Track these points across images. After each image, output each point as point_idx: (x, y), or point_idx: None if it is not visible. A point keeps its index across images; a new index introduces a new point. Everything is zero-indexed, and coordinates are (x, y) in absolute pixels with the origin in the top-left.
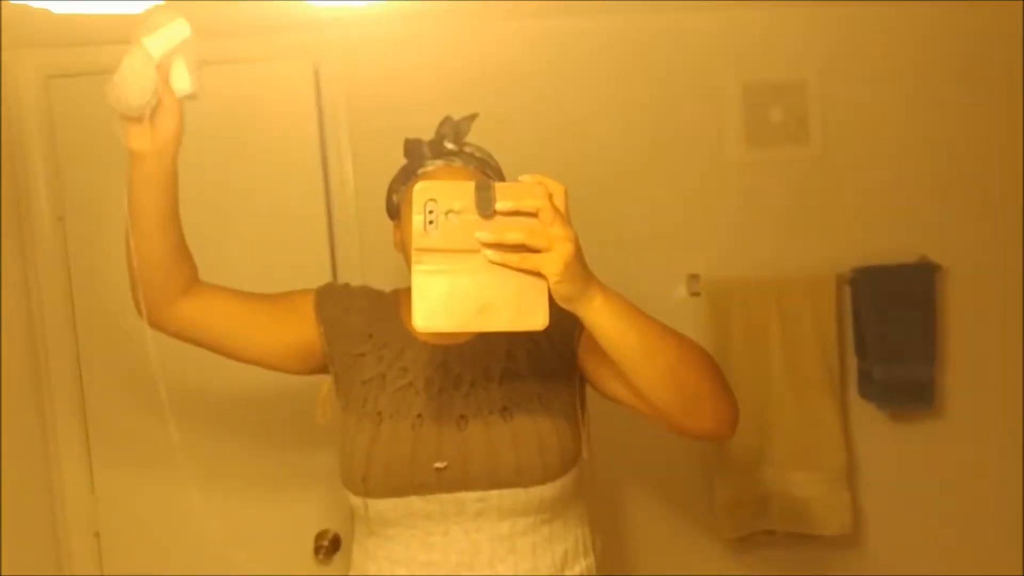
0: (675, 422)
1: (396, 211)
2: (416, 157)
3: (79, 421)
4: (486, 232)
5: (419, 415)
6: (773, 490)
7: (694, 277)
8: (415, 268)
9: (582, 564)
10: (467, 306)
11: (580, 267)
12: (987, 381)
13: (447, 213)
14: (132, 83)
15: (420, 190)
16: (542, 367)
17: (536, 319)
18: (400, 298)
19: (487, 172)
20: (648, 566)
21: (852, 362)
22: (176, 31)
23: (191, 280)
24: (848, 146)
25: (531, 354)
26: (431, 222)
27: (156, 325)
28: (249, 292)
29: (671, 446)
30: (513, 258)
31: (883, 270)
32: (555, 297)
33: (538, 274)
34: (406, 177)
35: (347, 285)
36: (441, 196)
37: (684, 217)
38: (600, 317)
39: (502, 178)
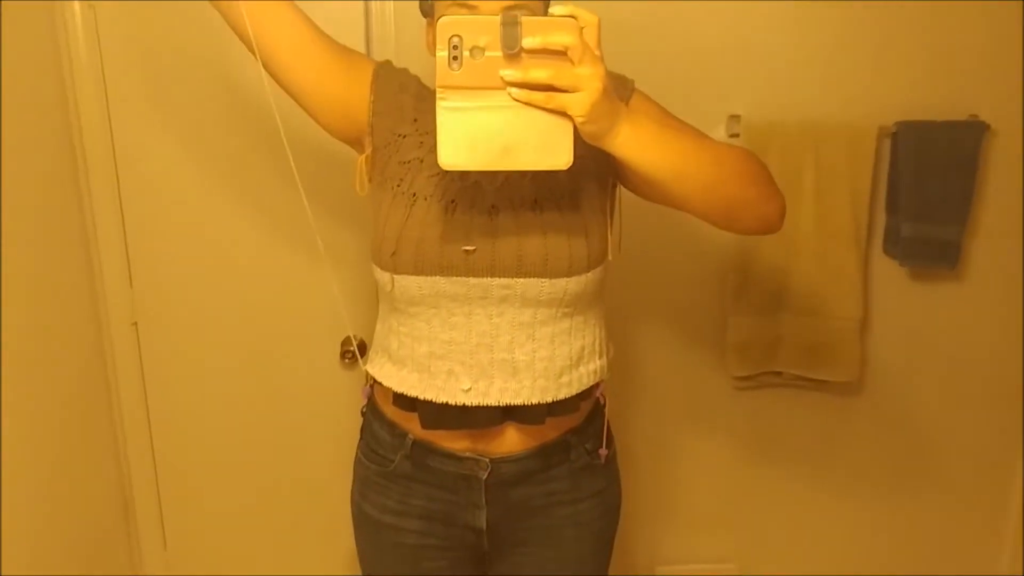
0: (718, 225)
1: (430, 10)
2: None
3: (117, 221)
4: (511, 70)
5: (453, 200)
6: (785, 333)
7: (734, 118)
8: (439, 104)
9: (596, 363)
10: (491, 145)
11: (608, 105)
12: (1015, 250)
13: (472, 49)
14: None
15: (444, 25)
16: (576, 165)
17: (560, 158)
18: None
19: None
20: (653, 390)
21: (881, 218)
22: None
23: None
24: None
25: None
26: (455, 58)
27: (222, 7)
28: (321, 30)
29: (690, 280)
30: (538, 97)
31: (929, 125)
32: (582, 134)
33: (564, 113)
34: None
35: (405, 70)
36: (466, 32)
37: (729, 56)
38: (628, 150)
39: None
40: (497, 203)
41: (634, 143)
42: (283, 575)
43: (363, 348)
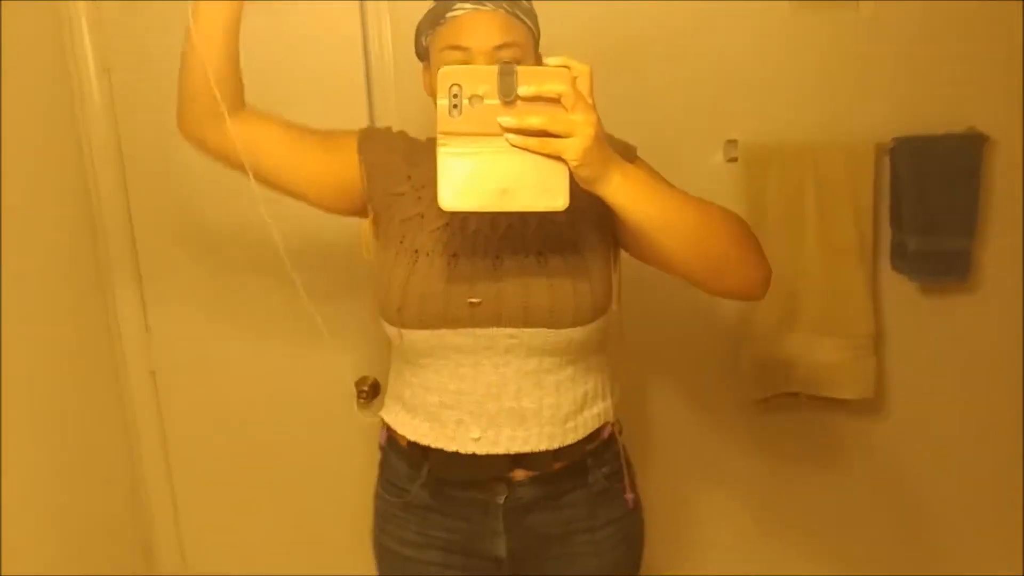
0: (702, 286)
1: (425, 53)
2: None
3: (132, 263)
4: (508, 117)
5: (455, 254)
6: (798, 354)
7: (732, 143)
8: (440, 150)
9: (600, 406)
10: (489, 187)
11: (600, 151)
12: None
13: (471, 98)
14: None
15: (444, 74)
16: (578, 217)
17: (557, 200)
18: (437, 135)
19: (518, 14)
20: (669, 422)
21: (886, 234)
22: None
23: (240, 99)
24: (899, 10)
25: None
26: (455, 106)
27: (199, 140)
28: (295, 122)
29: (699, 307)
30: (534, 142)
31: (927, 140)
32: (576, 179)
33: (559, 157)
34: (434, 20)
35: (388, 128)
36: (465, 81)
37: (724, 80)
38: (620, 197)
39: (535, 20)
40: (500, 253)
41: (626, 190)
42: None
43: (376, 388)
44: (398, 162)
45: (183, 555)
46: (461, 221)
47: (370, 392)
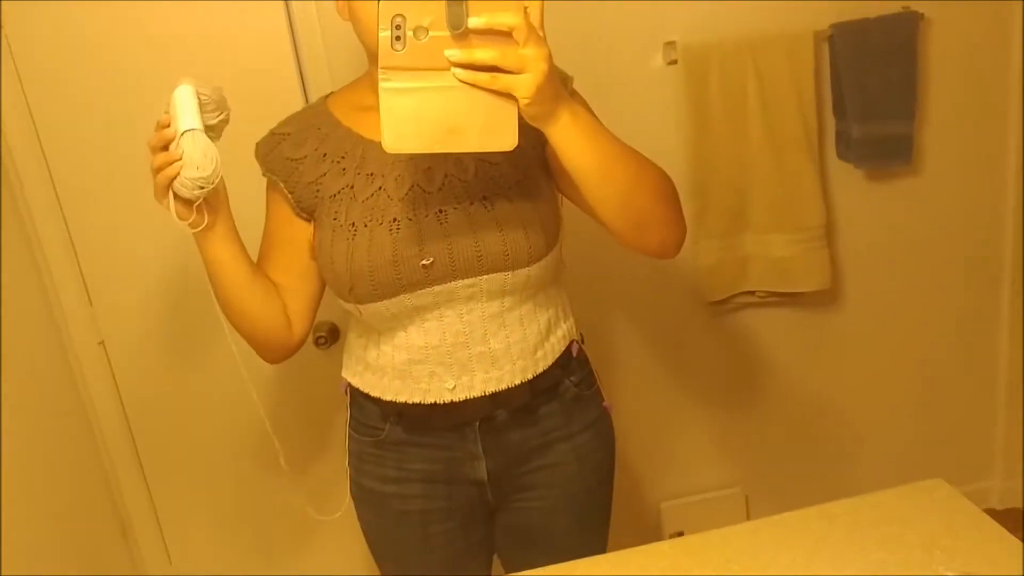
0: (621, 238)
1: None
2: None
3: (65, 239)
4: (456, 51)
5: (394, 219)
6: (753, 252)
7: (670, 44)
8: (382, 86)
9: (563, 328)
10: (436, 127)
11: (551, 88)
12: (965, 136)
13: (416, 29)
14: (200, 156)
15: (387, 4)
16: (517, 156)
17: (506, 140)
18: (330, 105)
19: None
20: (629, 330)
21: (830, 124)
22: (185, 97)
23: (282, 306)
24: None
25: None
26: (398, 38)
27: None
28: (271, 257)
29: None
30: (483, 78)
31: (863, 23)
32: (524, 116)
33: (509, 94)
34: None
35: (270, 132)
36: (410, 11)
37: None
38: (565, 136)
39: None
40: (443, 206)
41: (572, 130)
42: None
43: (335, 332)
44: (307, 150)
45: (161, 531)
46: (394, 183)
47: (329, 337)
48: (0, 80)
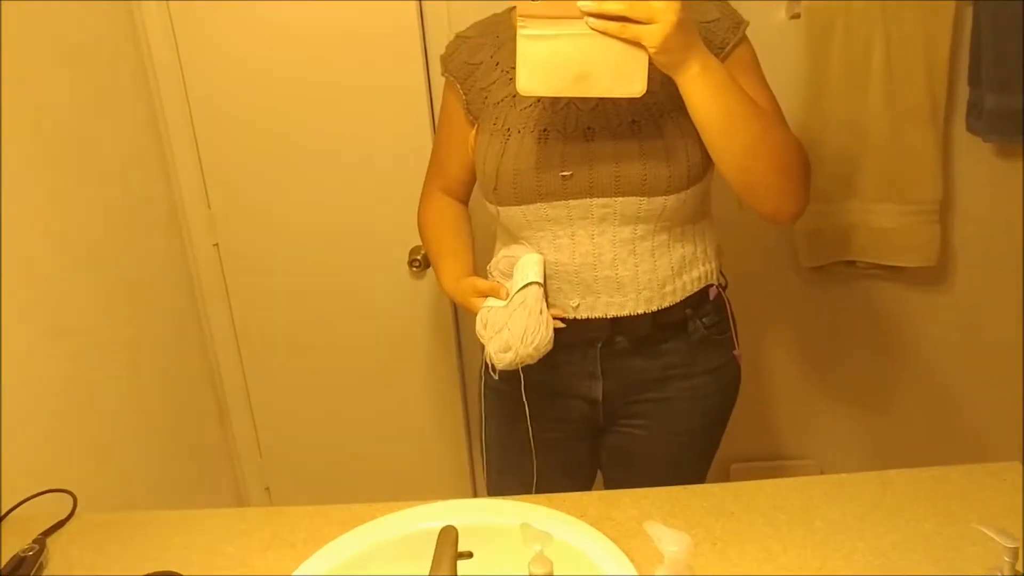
0: (734, 189)
1: None
2: None
3: (192, 146)
4: (588, 1)
5: (545, 129)
6: (857, 220)
7: None
8: (519, 32)
9: (700, 270)
10: (567, 71)
11: (681, 38)
12: None
13: None
14: (534, 326)
15: None
16: (673, 86)
17: (634, 86)
18: (514, 15)
19: None
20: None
21: (963, 93)
22: (535, 261)
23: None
24: None
25: (663, 74)
26: None
27: None
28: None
29: None
30: (613, 27)
31: None
32: (654, 63)
33: (638, 43)
34: None
35: (456, 35)
36: None
37: None
38: (692, 87)
39: None
40: (593, 125)
41: (699, 81)
42: (371, 475)
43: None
44: (482, 58)
45: (255, 426)
46: (553, 96)
47: (423, 261)
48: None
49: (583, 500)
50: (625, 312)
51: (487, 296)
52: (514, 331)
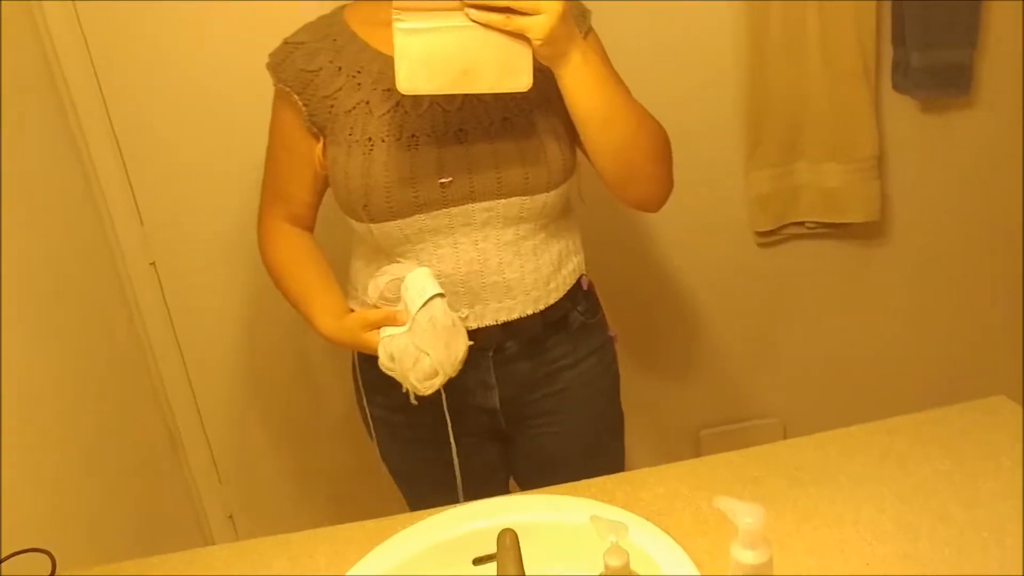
0: (609, 187)
1: None
2: None
3: (119, 163)
4: None
5: (413, 135)
6: (805, 181)
7: None
8: (395, 26)
9: (574, 261)
10: (450, 67)
11: (564, 29)
12: (1022, 68)
13: None
14: (451, 340)
15: None
16: (538, 79)
17: (520, 80)
18: (346, 16)
19: None
20: (676, 259)
21: (888, 53)
22: (423, 275)
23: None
24: None
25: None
26: None
27: None
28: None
29: (702, 141)
30: (497, 18)
31: None
32: (538, 55)
33: (522, 35)
34: None
35: (284, 42)
36: None
37: None
38: (574, 79)
39: None
40: (464, 126)
41: (581, 73)
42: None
43: None
44: (321, 62)
45: (211, 452)
46: (412, 99)
47: None
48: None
49: (608, 484)
50: (515, 315)
51: (381, 327)
52: (435, 353)
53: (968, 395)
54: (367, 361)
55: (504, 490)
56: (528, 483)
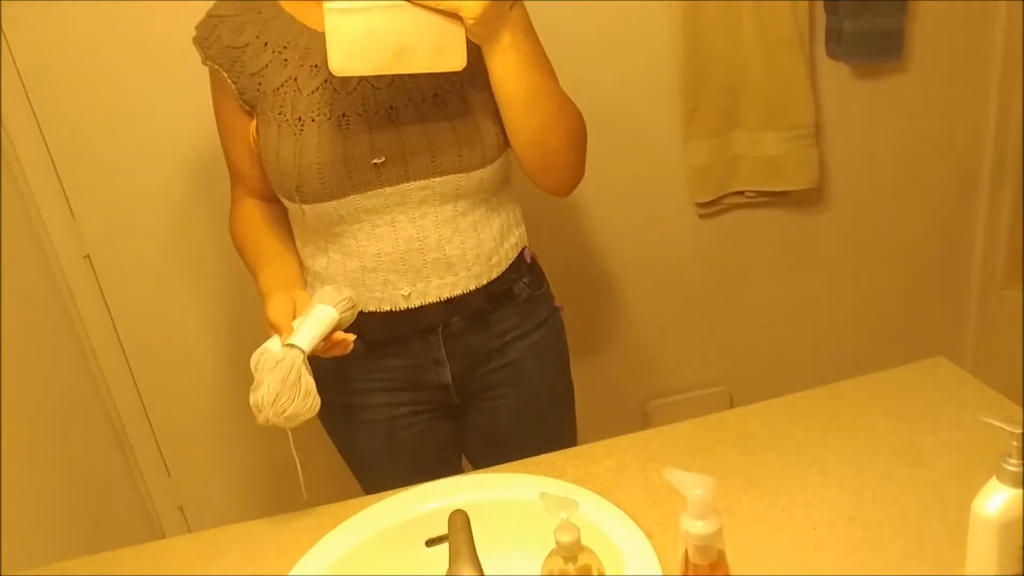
0: (524, 168)
1: None
2: None
3: (44, 155)
4: None
5: (343, 114)
6: (743, 151)
7: None
8: (327, 7)
9: (516, 234)
10: (384, 48)
11: (497, 8)
12: (953, 33)
13: None
14: (287, 393)
15: None
16: (468, 54)
17: (455, 59)
18: None
19: None
20: (620, 233)
21: (821, 21)
22: (322, 318)
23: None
24: None
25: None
26: None
27: None
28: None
29: (640, 114)
30: None
31: None
32: (469, 34)
33: (455, 14)
34: None
35: (207, 15)
36: None
37: None
38: (503, 60)
39: None
40: (395, 104)
41: (510, 55)
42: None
43: None
44: (248, 37)
45: (158, 446)
46: (341, 77)
47: None
48: None
49: (558, 460)
50: (458, 291)
51: (276, 330)
52: (266, 393)
53: (910, 357)
54: None
55: (457, 469)
56: (480, 459)
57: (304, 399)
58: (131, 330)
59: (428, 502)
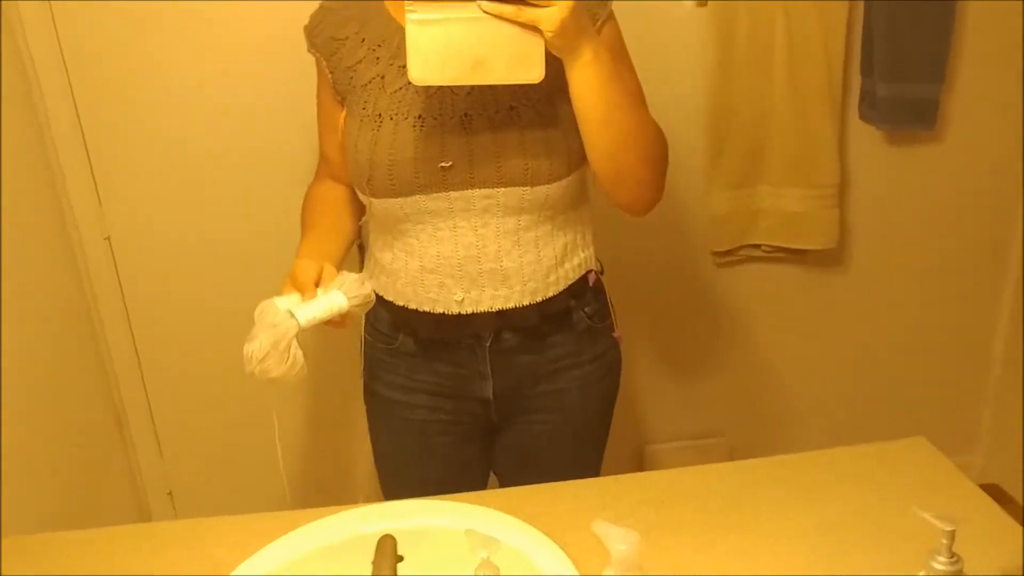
0: (599, 182)
1: None
2: None
3: (78, 136)
4: None
5: (420, 116)
6: (765, 205)
7: None
8: (408, 17)
9: (580, 256)
10: (462, 58)
11: (576, 21)
12: (991, 107)
13: None
14: (275, 357)
15: None
16: (551, 69)
17: (532, 72)
18: None
19: None
20: (633, 271)
21: (855, 83)
22: (333, 303)
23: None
24: None
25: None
26: None
27: None
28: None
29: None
30: (509, 10)
31: None
32: (549, 47)
33: (534, 27)
34: None
35: (320, 5)
36: None
37: None
38: (582, 73)
39: None
40: (470, 111)
41: (589, 69)
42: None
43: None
44: (349, 32)
45: (155, 427)
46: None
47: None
48: None
49: (518, 496)
50: (511, 304)
51: (294, 287)
52: (256, 351)
53: (912, 427)
54: (373, 336)
55: (482, 485)
56: (508, 478)
57: (290, 367)
58: (142, 313)
59: (367, 524)
